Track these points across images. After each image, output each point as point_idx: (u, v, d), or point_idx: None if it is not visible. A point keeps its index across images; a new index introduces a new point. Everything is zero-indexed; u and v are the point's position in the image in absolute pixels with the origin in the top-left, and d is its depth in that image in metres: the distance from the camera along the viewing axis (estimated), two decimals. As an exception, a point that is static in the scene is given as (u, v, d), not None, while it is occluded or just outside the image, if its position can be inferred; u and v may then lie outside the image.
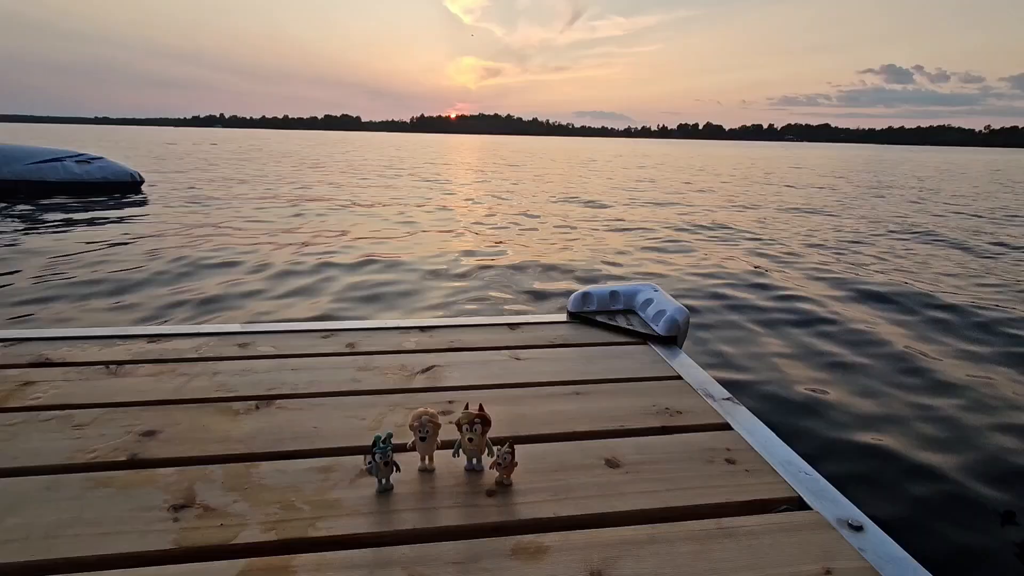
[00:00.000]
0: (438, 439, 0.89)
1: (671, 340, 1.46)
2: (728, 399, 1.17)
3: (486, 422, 0.87)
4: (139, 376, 1.21)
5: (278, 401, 1.11)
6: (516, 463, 0.86)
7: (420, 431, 0.87)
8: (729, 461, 0.94)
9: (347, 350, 1.38)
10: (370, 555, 0.72)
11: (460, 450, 0.89)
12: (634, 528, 0.78)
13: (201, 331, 1.47)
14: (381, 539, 0.75)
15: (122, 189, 7.81)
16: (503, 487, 0.86)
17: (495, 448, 0.86)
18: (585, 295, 1.65)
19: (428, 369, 1.29)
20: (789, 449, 0.98)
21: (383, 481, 0.85)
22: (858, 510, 0.83)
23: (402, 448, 0.93)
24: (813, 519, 0.81)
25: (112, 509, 0.79)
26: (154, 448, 0.94)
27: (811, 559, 0.73)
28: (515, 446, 0.85)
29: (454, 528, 0.78)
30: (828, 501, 0.85)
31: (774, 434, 1.03)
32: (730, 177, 14.16)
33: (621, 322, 1.57)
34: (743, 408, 1.13)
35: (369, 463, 0.83)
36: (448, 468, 0.90)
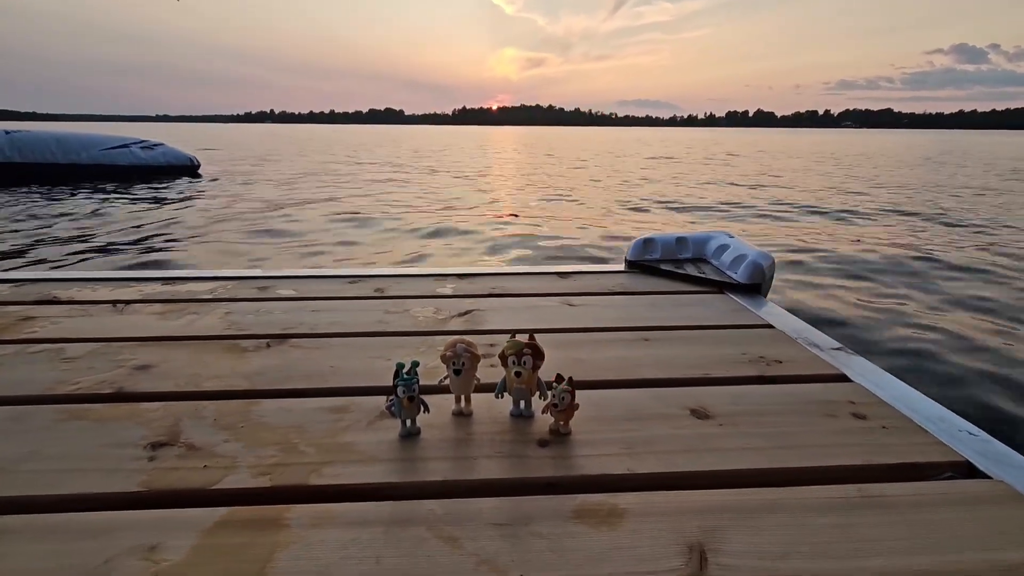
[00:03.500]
0: (477, 377, 0.71)
1: (754, 288, 1.23)
2: (839, 349, 0.94)
3: (538, 354, 0.68)
4: (145, 314, 1.08)
5: (293, 340, 0.95)
6: (577, 405, 0.66)
7: (454, 362, 0.68)
8: (858, 416, 0.72)
9: (375, 294, 1.22)
10: (386, 510, 0.54)
11: (505, 390, 0.70)
12: (742, 492, 0.57)
13: (220, 275, 1.34)
14: (401, 491, 0.58)
15: (182, 172, 8.33)
16: (559, 436, 0.67)
17: (550, 389, 0.67)
18: (647, 241, 1.43)
19: (466, 313, 1.11)
20: (938, 404, 0.75)
21: (407, 423, 0.67)
22: None
23: (432, 388, 0.75)
24: (997, 490, 0.58)
25: (80, 444, 0.64)
26: (145, 382, 0.80)
27: (1011, 543, 0.50)
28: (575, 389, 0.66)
29: (496, 482, 0.59)
30: (1014, 467, 0.61)
31: (911, 388, 0.80)
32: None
33: (691, 271, 1.34)
34: (861, 358, 0.90)
35: (390, 400, 0.66)
36: (489, 412, 0.72)
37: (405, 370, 0.65)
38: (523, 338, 0.68)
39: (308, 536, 0.51)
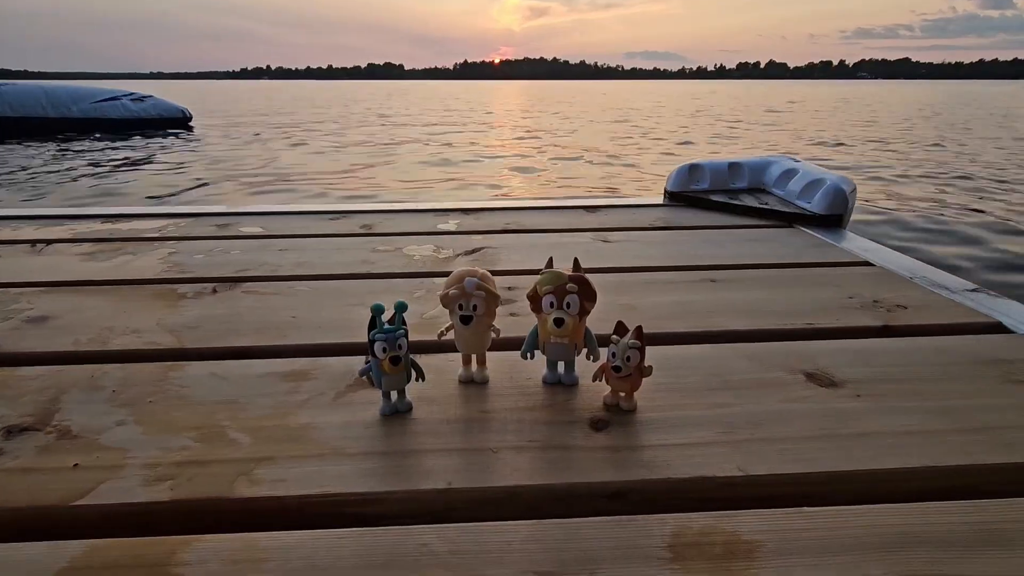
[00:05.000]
0: (495, 327, 0.48)
1: (834, 220, 0.98)
2: (976, 290, 0.70)
3: (588, 293, 0.45)
4: (67, 255, 0.85)
5: (247, 284, 0.73)
6: (648, 369, 0.43)
7: (462, 304, 0.45)
8: (1056, 381, 0.49)
9: (361, 231, 0.99)
10: (347, 545, 0.32)
11: (536, 347, 0.47)
12: (942, 508, 0.35)
13: (173, 211, 1.10)
14: (377, 508, 0.36)
15: (173, 124, 8.11)
16: (620, 414, 0.44)
17: (603, 346, 0.44)
18: (693, 168, 1.17)
19: (475, 251, 0.87)
20: None
21: (391, 396, 0.45)
22: None
23: (429, 345, 0.52)
24: None
25: (-99, 430, 0.43)
26: (34, 339, 0.58)
27: None
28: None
29: (530, 491, 0.37)
30: None
31: None
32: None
33: (750, 203, 1.09)
34: (1014, 302, 0.66)
35: (367, 363, 0.43)
36: (513, 379, 0.49)
37: (386, 317, 0.42)
38: (565, 271, 0.45)
39: (209, 600, 0.29)
